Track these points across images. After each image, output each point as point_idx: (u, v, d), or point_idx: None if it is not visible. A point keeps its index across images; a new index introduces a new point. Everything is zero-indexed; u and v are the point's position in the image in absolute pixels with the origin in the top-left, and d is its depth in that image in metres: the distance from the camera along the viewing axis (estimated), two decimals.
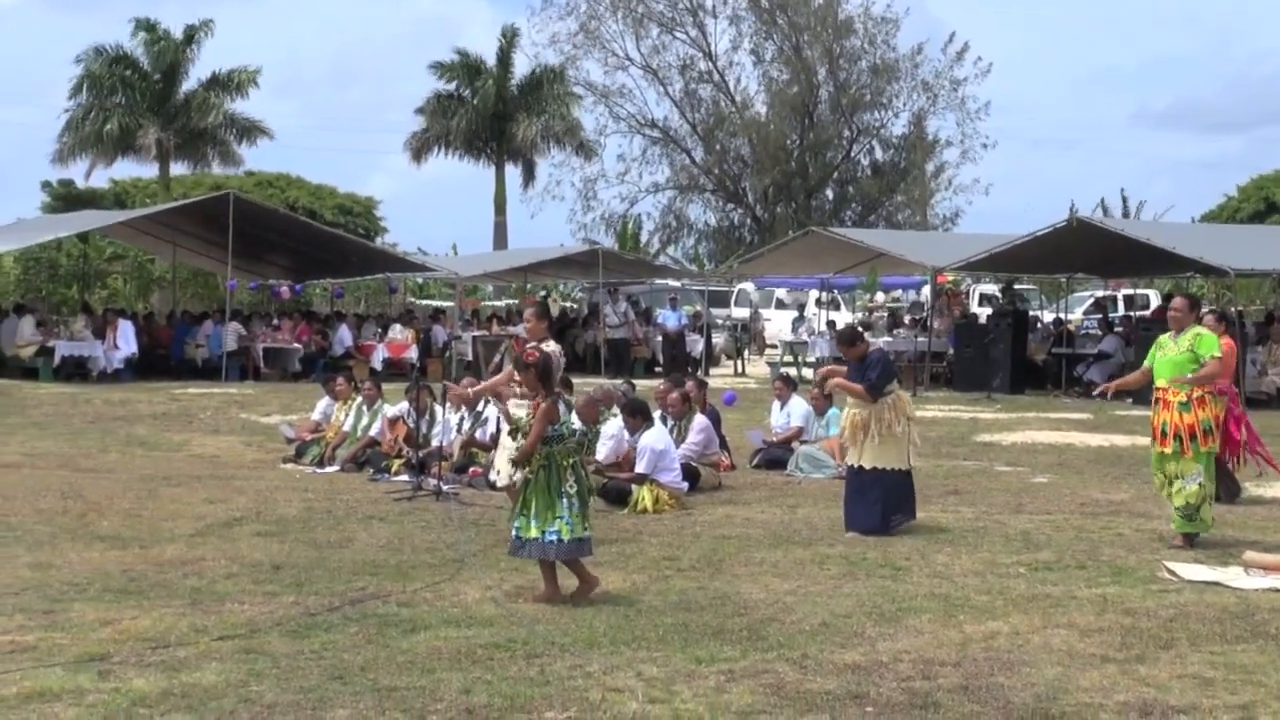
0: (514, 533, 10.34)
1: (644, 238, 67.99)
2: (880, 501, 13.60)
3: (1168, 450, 13.04)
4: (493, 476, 13.45)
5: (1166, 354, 13.19)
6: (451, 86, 65.69)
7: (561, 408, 10.47)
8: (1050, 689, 8.00)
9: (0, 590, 10.39)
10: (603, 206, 65.87)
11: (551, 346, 12.56)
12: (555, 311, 13.76)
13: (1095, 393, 20.43)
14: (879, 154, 65.83)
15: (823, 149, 64.87)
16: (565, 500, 10.14)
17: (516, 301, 51.67)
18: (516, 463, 10.59)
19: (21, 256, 44.48)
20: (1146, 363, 13.50)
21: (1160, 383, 13.18)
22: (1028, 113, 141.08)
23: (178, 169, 62.66)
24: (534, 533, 10.13)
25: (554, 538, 10.09)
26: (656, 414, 17.19)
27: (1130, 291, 49.96)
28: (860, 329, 15.61)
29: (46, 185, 69.42)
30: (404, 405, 18.51)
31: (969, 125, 63.04)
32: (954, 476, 18.05)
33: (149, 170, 62.31)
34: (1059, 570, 11.71)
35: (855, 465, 13.85)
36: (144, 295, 49.66)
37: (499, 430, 14.17)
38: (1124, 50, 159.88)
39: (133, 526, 13.43)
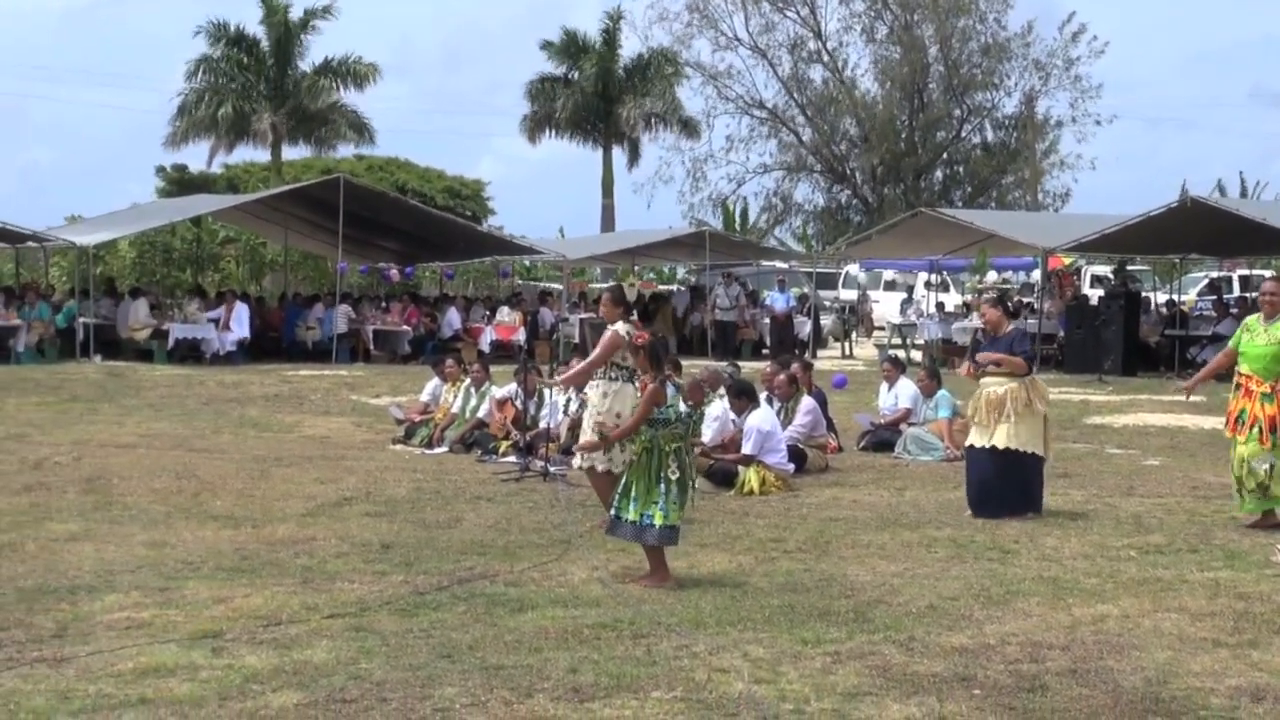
0: (613, 511, 10.38)
1: (751, 219, 67.81)
2: (1013, 485, 13.38)
3: (1242, 439, 12.68)
4: (575, 461, 13.53)
5: (1254, 340, 12.68)
6: (559, 68, 65.77)
7: (670, 391, 10.48)
8: (1160, 673, 7.93)
9: (117, 568, 10.59)
10: (710, 187, 65.83)
11: (622, 328, 12.63)
12: (632, 296, 13.83)
13: (1175, 389, 20.09)
14: (990, 134, 65.23)
15: (932, 129, 64.33)
16: (664, 486, 10.14)
17: (626, 284, 51.71)
18: (610, 443, 10.62)
19: (137, 241, 45.09)
20: (1231, 344, 13.07)
21: (1243, 368, 12.71)
22: (1143, 91, 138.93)
23: (290, 153, 63.26)
24: (632, 515, 10.15)
25: (649, 521, 10.09)
26: (762, 395, 17.18)
27: (1246, 272, 49.15)
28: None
29: (161, 170, 70.42)
30: (512, 387, 18.62)
31: (1082, 105, 62.33)
32: (1064, 459, 17.87)
33: (261, 155, 62.94)
34: (1170, 554, 11.59)
35: (985, 446, 13.45)
36: (256, 278, 50.20)
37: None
38: (1243, 26, 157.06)
39: (245, 506, 13.62)
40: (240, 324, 33.35)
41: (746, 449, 15.33)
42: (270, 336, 36.00)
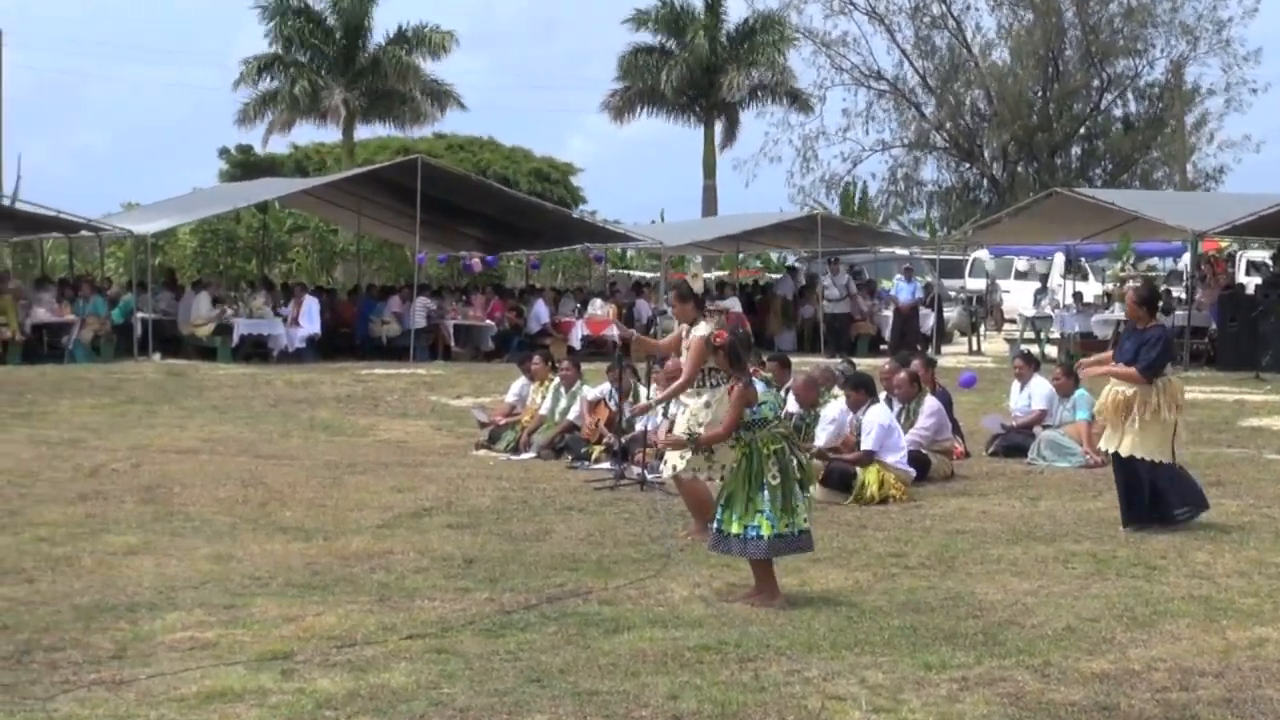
0: (715, 525, 10.39)
1: (869, 201, 67.57)
2: (1149, 491, 13.33)
3: None
4: (662, 469, 13.57)
5: None
6: (655, 39, 65.68)
7: (760, 387, 10.46)
8: None
9: (179, 584, 10.73)
10: (823, 168, 65.60)
11: (702, 329, 12.67)
12: (699, 287, 13.83)
13: None
14: (1132, 105, 64.64)
15: (1069, 101, 63.81)
16: (767, 492, 10.12)
17: (727, 273, 51.71)
18: (700, 448, 10.63)
19: (198, 229, 45.65)
20: None
21: None
22: None
23: (363, 132, 63.65)
24: (735, 528, 10.15)
25: (755, 533, 10.09)
26: (881, 395, 17.13)
27: None
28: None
29: (224, 152, 71.24)
30: (605, 386, 18.66)
31: (1235, 72, 61.59)
32: (1217, 465, 17.70)
33: (330, 134, 63.37)
34: None
35: (1112, 451, 13.52)
36: (327, 269, 50.63)
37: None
38: None
39: (316, 517, 13.74)
40: (310, 319, 33.66)
41: (866, 444, 15.33)
42: (342, 332, 36.31)
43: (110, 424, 21.01)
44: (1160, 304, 14.73)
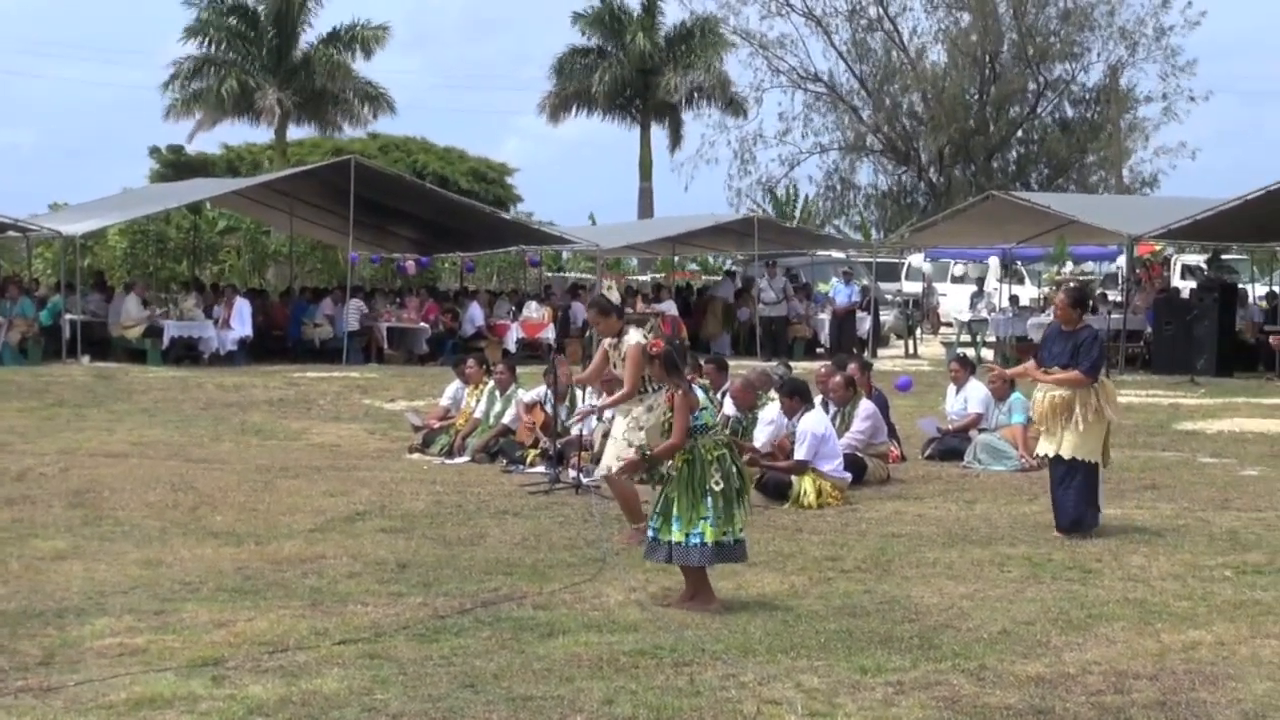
0: (650, 534, 10.39)
1: (805, 204, 67.74)
2: (1083, 493, 13.42)
3: None
4: (598, 472, 13.58)
5: None
6: (592, 41, 65.62)
7: (699, 394, 10.49)
8: (1259, 706, 7.91)
9: (108, 589, 10.66)
10: (760, 170, 65.83)
11: (636, 336, 12.72)
12: (615, 298, 13.80)
13: None
14: (1069, 110, 65.05)
15: (1006, 104, 64.17)
16: (710, 499, 10.13)
17: (663, 275, 51.73)
18: (653, 461, 10.60)
19: (128, 230, 45.32)
20: None
21: None
22: (1241, 62, 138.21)
23: (296, 133, 63.35)
24: (676, 535, 10.15)
25: (698, 540, 10.10)
26: (817, 399, 17.18)
27: None
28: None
29: (155, 151, 70.73)
30: (541, 390, 18.64)
31: (1174, 80, 62.01)
32: (1152, 469, 17.84)
33: (263, 135, 63.05)
34: (1270, 574, 11.55)
35: (1052, 455, 13.52)
36: (259, 270, 50.39)
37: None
38: None
39: (248, 521, 13.68)
40: (242, 321, 33.48)
41: (799, 454, 15.35)
42: (274, 335, 36.14)
43: (38, 427, 20.85)
44: (1089, 305, 14.79)
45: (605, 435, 17.18)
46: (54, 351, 31.69)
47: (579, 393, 17.77)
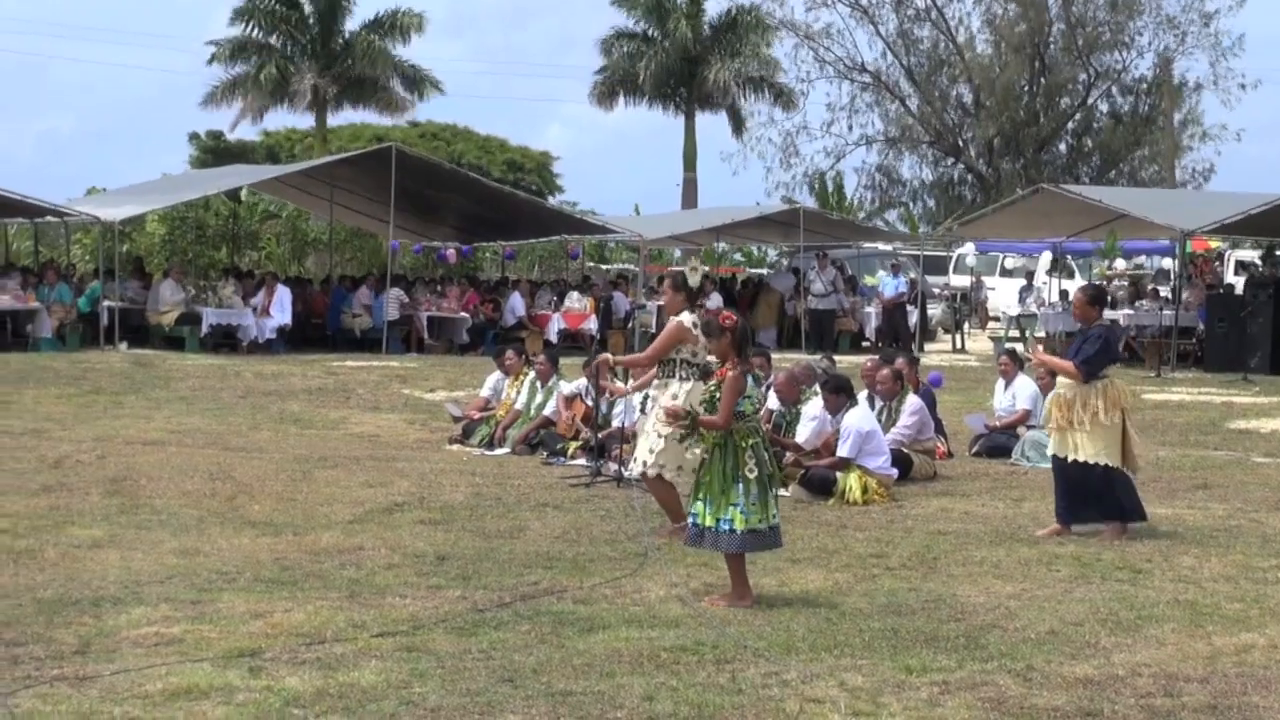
0: (691, 520, 10.40)
1: (851, 196, 67.61)
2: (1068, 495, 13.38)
3: None
4: (632, 466, 13.57)
5: None
6: (637, 25, 65.43)
7: (750, 382, 10.44)
8: None
9: (145, 578, 10.69)
10: (805, 163, 65.67)
11: (687, 319, 12.68)
12: (695, 281, 13.66)
13: None
14: (1120, 100, 64.74)
15: (1055, 95, 63.89)
16: (743, 485, 10.14)
17: (706, 268, 51.66)
18: (702, 425, 10.50)
19: (167, 216, 45.43)
20: None
21: None
22: None
23: (337, 119, 63.46)
24: (709, 520, 10.17)
25: (727, 526, 10.11)
26: (862, 394, 17.14)
27: None
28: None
29: (194, 138, 71.06)
30: (582, 382, 18.64)
31: (1222, 64, 61.65)
32: (1203, 468, 17.75)
33: (303, 121, 63.17)
34: None
35: (1071, 458, 13.38)
36: (298, 258, 50.48)
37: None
38: None
39: (285, 511, 13.72)
40: (281, 309, 33.56)
41: (843, 451, 15.31)
42: (314, 323, 36.22)
43: (75, 414, 20.95)
44: (1105, 298, 14.64)
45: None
46: (92, 338, 31.80)
47: (619, 385, 17.68)
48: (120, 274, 34.40)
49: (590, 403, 18.01)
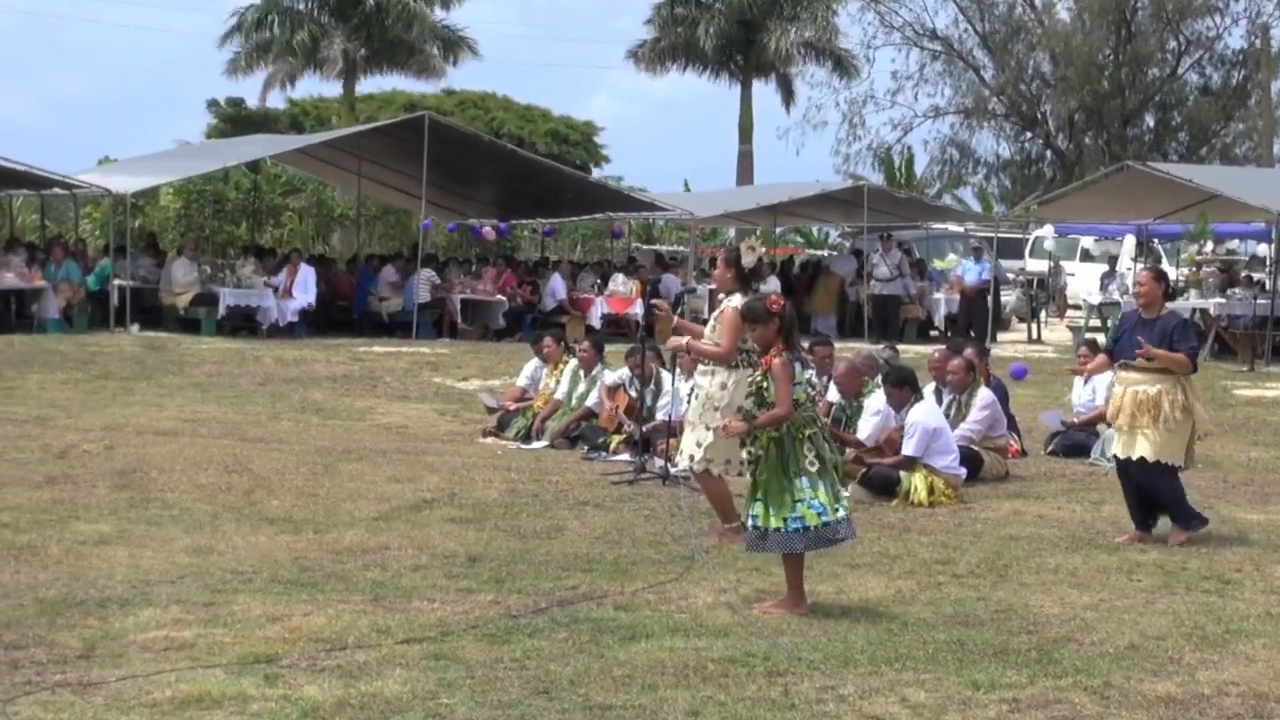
0: (750, 523, 10.37)
1: (920, 172, 67.41)
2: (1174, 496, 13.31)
3: None
4: (679, 461, 13.55)
5: None
6: None
7: (797, 368, 10.39)
8: None
9: (154, 578, 10.74)
10: (870, 135, 65.51)
11: (737, 300, 12.62)
12: (750, 261, 13.56)
13: None
14: (1211, 71, 64.38)
15: (1143, 65, 63.51)
16: (806, 479, 10.13)
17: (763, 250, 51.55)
18: (760, 425, 10.46)
19: (183, 189, 45.64)
20: None
21: None
22: None
23: (366, 86, 63.46)
24: (774, 521, 10.15)
25: (798, 525, 10.10)
26: (929, 387, 17.09)
27: None
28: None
29: (213, 105, 71.34)
30: (625, 371, 18.63)
31: None
32: None
33: (329, 88, 63.23)
34: None
35: (1132, 457, 13.22)
36: (323, 235, 50.65)
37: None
38: None
39: (306, 507, 13.76)
40: (304, 290, 33.62)
41: (908, 450, 15.26)
42: (339, 306, 36.29)
43: (82, 401, 21.05)
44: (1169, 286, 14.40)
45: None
46: (101, 320, 31.95)
47: (666, 376, 17.70)
48: (132, 251, 34.59)
49: (634, 394, 18.00)
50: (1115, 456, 13.68)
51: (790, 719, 7.77)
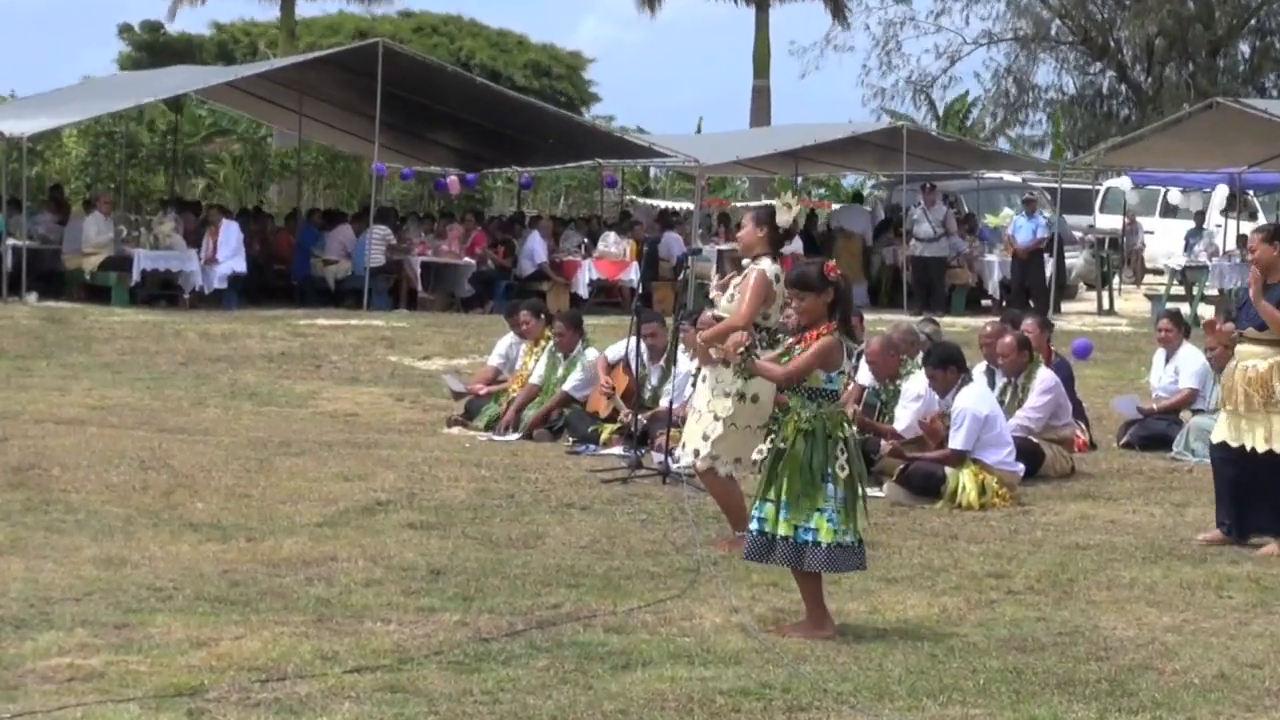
0: (755, 524, 10.35)
1: (970, 111, 67.38)
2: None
3: None
4: (678, 454, 13.56)
5: None
6: None
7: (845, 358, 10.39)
8: None
9: (56, 595, 10.73)
10: (909, 65, 65.48)
11: (766, 265, 12.58)
12: (785, 220, 13.46)
13: None
14: None
15: None
16: (832, 486, 10.08)
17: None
18: (749, 369, 10.42)
19: (89, 131, 45.59)
20: None
21: None
22: None
23: (307, 9, 63.40)
24: (783, 528, 10.12)
25: (809, 537, 10.07)
26: (979, 368, 17.09)
27: None
28: None
29: (126, 30, 71.19)
30: (623, 345, 18.51)
31: None
32: None
33: (263, 11, 63.13)
34: None
35: (1247, 447, 13.27)
36: (257, 187, 50.60)
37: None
38: None
39: (237, 511, 13.77)
40: (232, 251, 33.57)
41: (956, 443, 15.24)
42: (276, 270, 36.33)
43: None
44: None
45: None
46: None
47: (683, 356, 17.51)
48: (29, 205, 34.52)
49: (635, 373, 17.88)
50: (1217, 443, 13.60)
51: None
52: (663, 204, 53.43)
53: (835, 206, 47.59)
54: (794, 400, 10.26)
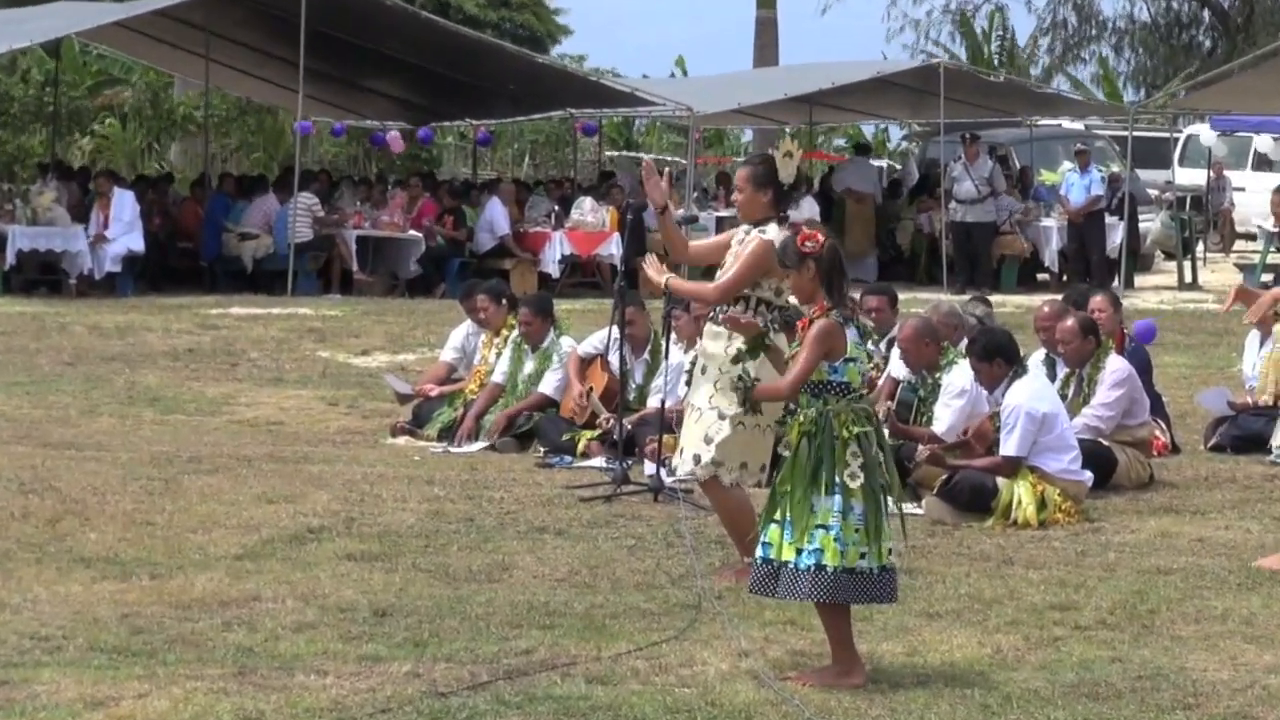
0: (760, 551, 10.34)
1: (1021, 45, 67.53)
2: None
3: None
4: (673, 464, 13.57)
5: None
6: None
7: (852, 334, 10.36)
8: None
9: None
10: None
11: (775, 233, 12.55)
12: (788, 174, 13.35)
13: None
14: None
15: None
16: (840, 498, 10.07)
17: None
18: (757, 398, 10.50)
19: None
20: None
21: None
22: None
23: None
24: (787, 553, 10.09)
25: (811, 561, 10.02)
26: (1035, 356, 17.10)
27: None
28: None
29: None
30: (601, 336, 18.53)
31: None
32: None
33: None
34: None
35: None
36: (155, 148, 50.58)
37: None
38: None
39: (138, 542, 13.76)
40: (126, 227, 33.53)
41: (1008, 448, 15.25)
42: (181, 249, 36.29)
43: None
44: None
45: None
46: None
47: (674, 348, 17.51)
48: None
49: (616, 368, 17.91)
50: None
51: None
52: (650, 158, 53.38)
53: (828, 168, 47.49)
54: (800, 399, 10.26)
